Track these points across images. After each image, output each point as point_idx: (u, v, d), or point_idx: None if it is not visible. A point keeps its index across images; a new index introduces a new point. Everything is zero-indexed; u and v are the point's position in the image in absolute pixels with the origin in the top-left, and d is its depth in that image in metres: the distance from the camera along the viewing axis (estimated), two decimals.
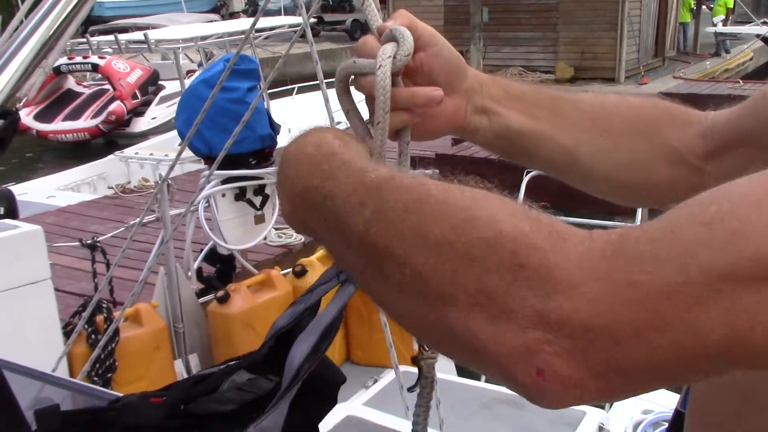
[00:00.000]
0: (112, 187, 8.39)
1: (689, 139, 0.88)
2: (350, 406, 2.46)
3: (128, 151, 9.91)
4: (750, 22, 22.02)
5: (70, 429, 0.79)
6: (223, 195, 3.98)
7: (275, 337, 0.75)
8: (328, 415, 2.45)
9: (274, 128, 4.13)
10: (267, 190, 4.13)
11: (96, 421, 0.80)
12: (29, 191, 8.55)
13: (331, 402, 0.78)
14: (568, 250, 0.49)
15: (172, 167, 2.66)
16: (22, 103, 1.51)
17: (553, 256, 0.48)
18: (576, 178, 0.92)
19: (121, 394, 1.05)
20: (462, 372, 4.11)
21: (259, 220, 4.12)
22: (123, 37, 10.95)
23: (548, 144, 0.87)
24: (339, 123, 3.68)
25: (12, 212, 6.11)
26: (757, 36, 19.81)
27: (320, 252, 4.05)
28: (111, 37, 10.82)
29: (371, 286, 0.58)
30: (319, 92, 2.44)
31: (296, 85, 12.06)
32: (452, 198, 0.54)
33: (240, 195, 4.03)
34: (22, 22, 1.53)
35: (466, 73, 0.83)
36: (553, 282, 0.47)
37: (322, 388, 0.74)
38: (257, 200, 4.09)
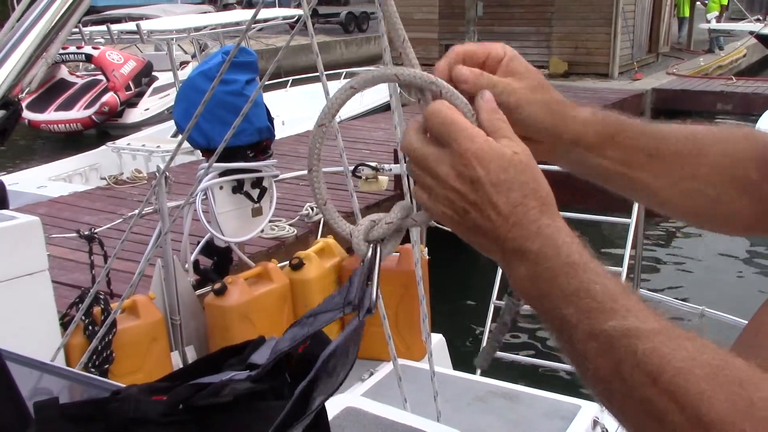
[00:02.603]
0: (104, 178, 8.36)
1: (764, 167, 0.90)
2: (348, 397, 2.47)
3: (120, 142, 9.88)
4: (743, 19, 22.08)
5: (70, 421, 0.80)
6: (221, 187, 3.98)
7: (276, 359, 0.76)
8: (328, 407, 2.45)
9: (270, 121, 4.13)
10: (264, 183, 4.13)
11: (95, 414, 0.80)
12: (20, 181, 8.51)
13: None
14: None
15: (171, 159, 2.65)
16: (24, 94, 1.51)
17: None
18: (660, 211, 0.98)
19: (120, 384, 1.05)
20: (458, 365, 4.12)
21: (257, 212, 4.11)
22: (115, 27, 10.90)
23: (636, 189, 0.94)
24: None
25: (2, 202, 6.07)
26: (751, 33, 19.87)
27: (317, 245, 4.05)
28: (103, 28, 10.77)
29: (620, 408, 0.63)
30: (312, 85, 2.43)
31: (290, 78, 12.04)
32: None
33: (237, 187, 4.02)
34: (24, 12, 1.53)
35: (560, 130, 0.86)
36: None
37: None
38: (255, 193, 4.08)
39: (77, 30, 10.48)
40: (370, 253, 0.73)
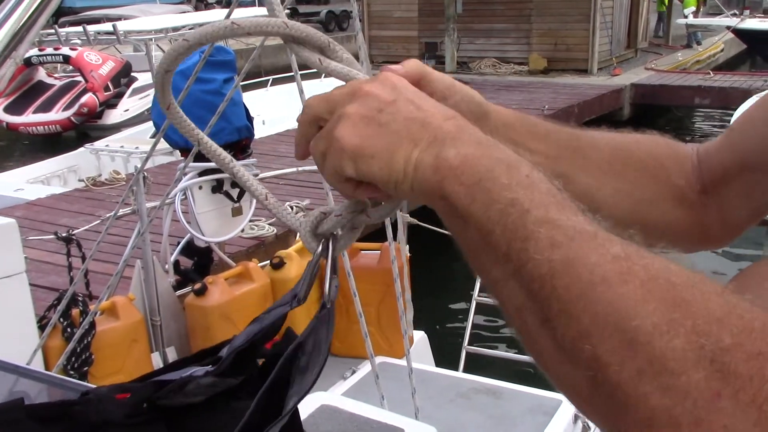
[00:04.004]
0: (82, 180, 8.30)
1: (688, 176, 0.88)
2: (327, 396, 2.46)
3: (99, 144, 9.81)
4: (720, 14, 22.28)
5: (37, 422, 0.79)
6: (200, 187, 3.95)
7: (236, 353, 0.75)
8: (304, 405, 2.43)
9: (250, 120, 4.11)
10: None
11: (61, 415, 0.80)
12: None
13: None
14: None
15: (147, 158, 2.63)
16: None
17: (751, 392, 0.43)
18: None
19: (92, 386, 1.04)
20: (440, 362, 4.13)
21: (237, 212, 4.09)
22: (91, 28, 10.82)
23: (569, 185, 0.87)
24: None
25: None
26: (728, 28, 20.05)
27: (297, 244, 4.04)
28: (79, 29, 10.67)
29: (520, 321, 0.53)
30: (293, 84, 2.42)
31: (271, 77, 12.00)
32: (658, 285, 0.48)
33: (217, 187, 4.00)
34: None
35: (487, 117, 0.80)
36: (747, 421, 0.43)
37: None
38: (234, 192, 4.06)
39: (53, 31, 10.41)
40: (320, 249, 0.69)
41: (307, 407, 2.25)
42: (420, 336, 4.09)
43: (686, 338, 0.45)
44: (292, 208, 6.39)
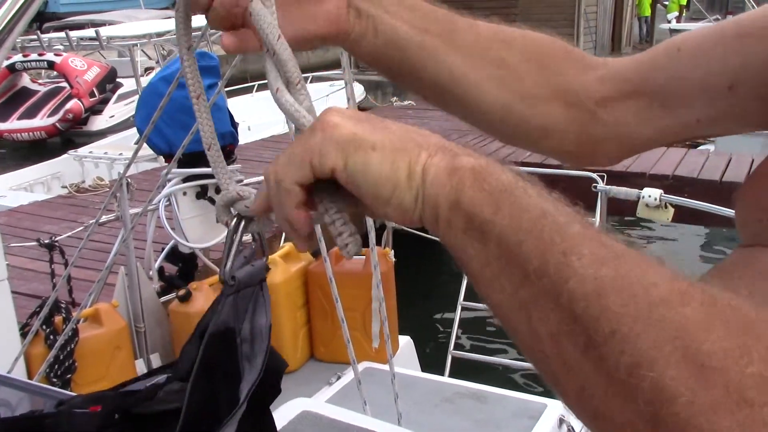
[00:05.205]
0: (65, 187, 8.25)
1: (587, 81, 0.81)
2: (309, 402, 2.46)
3: (83, 150, 9.75)
4: (703, 19, 22.45)
5: None
6: (184, 193, 3.94)
7: (187, 355, 0.75)
8: (285, 411, 2.43)
9: (234, 126, 4.10)
10: None
11: (37, 429, 0.80)
12: None
13: (275, 391, 0.76)
14: None
15: (129, 164, 2.62)
16: None
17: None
18: (461, 105, 0.80)
19: (72, 394, 1.04)
20: (426, 367, 4.13)
21: None
22: (74, 33, 10.78)
23: (436, 63, 0.77)
24: None
25: None
26: None
27: (282, 250, 4.03)
28: (62, 34, 10.61)
29: (553, 349, 0.45)
30: None
31: (256, 83, 11.98)
32: (718, 307, 0.43)
33: (201, 193, 3.99)
34: None
35: None
36: None
37: (264, 377, 0.73)
38: None
39: (36, 37, 10.34)
40: (232, 225, 0.68)
41: (287, 413, 2.24)
42: (406, 341, 4.09)
43: (761, 364, 0.39)
44: None
